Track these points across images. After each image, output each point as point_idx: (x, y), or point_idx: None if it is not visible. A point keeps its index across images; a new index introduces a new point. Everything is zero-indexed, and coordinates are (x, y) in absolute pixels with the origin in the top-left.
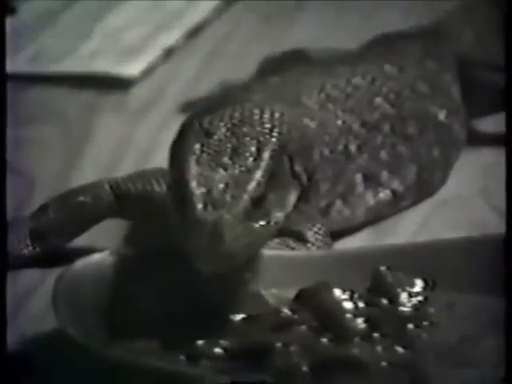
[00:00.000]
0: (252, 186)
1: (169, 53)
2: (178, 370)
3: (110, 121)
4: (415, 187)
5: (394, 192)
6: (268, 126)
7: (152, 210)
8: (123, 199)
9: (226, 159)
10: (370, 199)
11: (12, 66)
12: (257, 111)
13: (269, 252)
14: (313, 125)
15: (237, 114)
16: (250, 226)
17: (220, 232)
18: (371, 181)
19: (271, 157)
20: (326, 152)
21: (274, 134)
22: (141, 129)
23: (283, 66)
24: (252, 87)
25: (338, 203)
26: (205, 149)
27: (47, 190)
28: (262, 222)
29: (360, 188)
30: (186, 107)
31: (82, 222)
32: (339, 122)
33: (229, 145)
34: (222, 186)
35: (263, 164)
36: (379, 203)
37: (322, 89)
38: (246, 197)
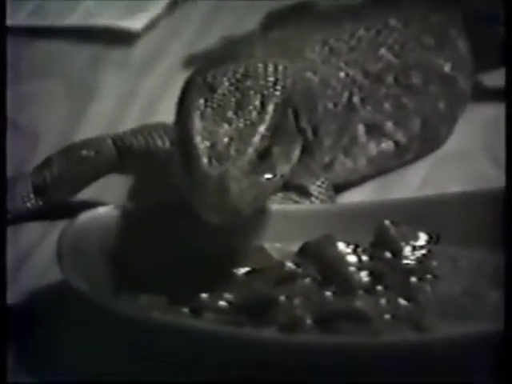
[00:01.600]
0: (256, 139)
1: (173, 6)
2: (182, 323)
3: (114, 75)
4: (419, 140)
5: (396, 143)
6: (272, 79)
7: (155, 165)
8: (126, 154)
9: (230, 113)
10: (372, 149)
11: (13, 19)
12: (260, 65)
13: (273, 206)
14: (316, 79)
15: (240, 69)
16: (255, 178)
17: (226, 185)
18: (374, 131)
19: (275, 110)
20: (330, 106)
21: (278, 87)
22: (145, 83)
23: (287, 19)
24: (254, 42)
25: (341, 156)
26: (208, 103)
27: (50, 146)
28: (268, 175)
29: (362, 138)
30: (190, 61)
31: (84, 177)
32: (342, 75)
33: (233, 99)
34: (226, 139)
35: (267, 117)
36: (382, 154)
37: (325, 42)
38: (250, 150)
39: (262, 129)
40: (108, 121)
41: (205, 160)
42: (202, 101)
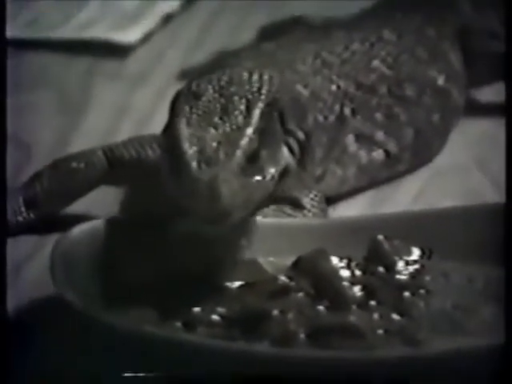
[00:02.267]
0: (244, 142)
1: (167, 20)
2: (174, 337)
3: (108, 88)
4: (411, 151)
5: (387, 152)
6: (256, 85)
7: (145, 176)
8: (117, 165)
9: (216, 119)
10: (363, 158)
11: (8, 31)
12: (245, 73)
13: (266, 220)
14: (306, 92)
15: (225, 77)
16: (245, 181)
17: (216, 189)
18: (364, 140)
19: (261, 114)
20: (320, 119)
21: (263, 91)
22: (138, 96)
23: (281, 33)
24: (244, 54)
25: (332, 166)
26: (194, 110)
27: (44, 158)
28: (258, 178)
29: (353, 147)
30: (183, 75)
31: (75, 189)
32: (334, 87)
33: (217, 105)
34: (214, 144)
35: (253, 121)
36: (373, 163)
37: (318, 55)
38: (239, 153)
39: (249, 132)
40: (101, 133)
41: (194, 164)
42: (187, 108)
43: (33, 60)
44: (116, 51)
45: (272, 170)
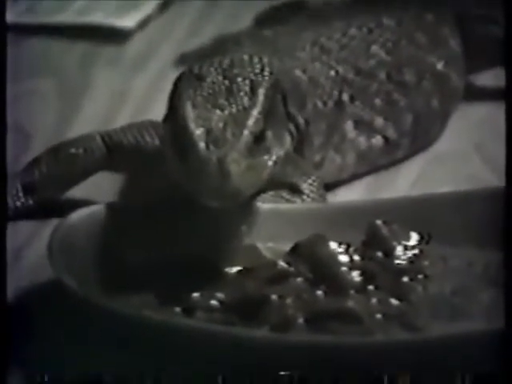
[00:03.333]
0: (251, 122)
1: (165, 5)
2: (173, 322)
3: (106, 74)
4: (410, 137)
5: (386, 138)
6: (258, 66)
7: (144, 162)
8: (115, 151)
9: (221, 100)
10: (361, 144)
11: (7, 16)
12: (246, 56)
13: (265, 205)
14: (305, 77)
15: (226, 60)
16: (253, 161)
17: (226, 168)
18: (363, 126)
19: (266, 95)
20: (319, 105)
21: (266, 73)
22: (137, 82)
23: (279, 18)
24: (243, 40)
25: (331, 153)
26: (198, 92)
27: (43, 144)
28: (265, 157)
29: (351, 134)
30: (182, 60)
31: (73, 175)
32: (332, 73)
33: (222, 86)
34: (221, 125)
35: (259, 101)
36: (372, 149)
37: (316, 41)
38: (246, 133)
39: (255, 112)
40: (100, 119)
41: (202, 145)
42: (191, 90)
43: (31, 46)
44: (114, 37)
45: (278, 152)
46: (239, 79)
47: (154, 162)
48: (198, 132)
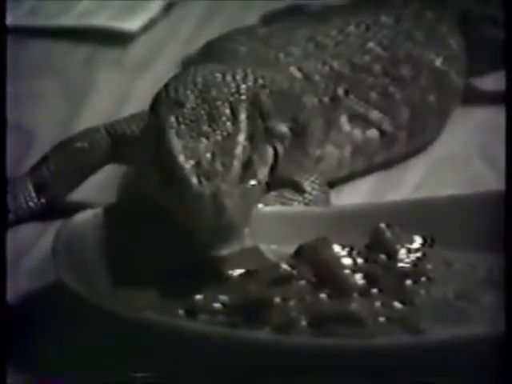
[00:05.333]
0: (238, 150)
1: (168, 8)
2: (176, 324)
3: (109, 76)
4: (407, 130)
5: (382, 131)
6: (233, 85)
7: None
8: (120, 142)
9: (204, 127)
10: (357, 137)
11: (9, 19)
12: (218, 75)
13: (268, 208)
14: (299, 75)
15: (199, 79)
16: (244, 189)
17: (221, 203)
18: (358, 119)
19: (247, 116)
20: (315, 101)
21: (242, 91)
22: (140, 85)
23: (278, 18)
24: (240, 38)
25: (330, 147)
26: (180, 119)
27: (46, 146)
28: (253, 182)
29: (346, 127)
30: (185, 63)
31: (82, 169)
32: (327, 69)
33: (202, 112)
34: (209, 155)
35: (242, 126)
36: (368, 142)
37: (311, 38)
38: (236, 163)
39: (241, 139)
40: (103, 121)
41: (194, 180)
42: (173, 118)
43: (34, 48)
44: (118, 39)
45: (264, 171)
46: (218, 103)
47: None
48: (188, 166)
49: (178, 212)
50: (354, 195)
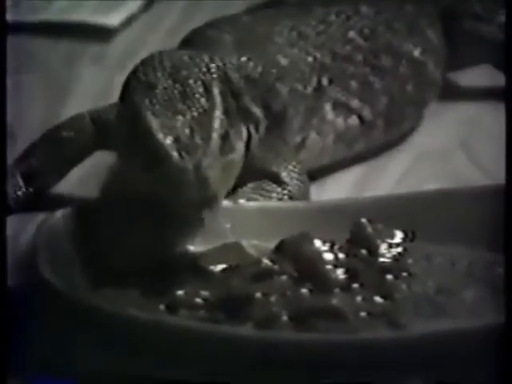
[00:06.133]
0: (216, 124)
1: (150, 3)
2: (157, 320)
3: (91, 71)
4: (385, 118)
5: (362, 119)
6: (203, 64)
7: None
8: (105, 129)
9: (179, 105)
10: (340, 125)
11: None
12: (186, 57)
13: (249, 203)
14: (284, 61)
15: (167, 63)
16: (224, 161)
17: (203, 174)
18: (341, 108)
19: (221, 93)
20: (299, 88)
21: (213, 70)
22: (121, 80)
23: (260, 8)
24: (224, 26)
25: (312, 135)
26: (154, 101)
27: (27, 142)
28: (232, 156)
29: (330, 115)
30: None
31: (69, 158)
32: (310, 59)
33: (175, 91)
34: (187, 131)
35: (217, 101)
36: (349, 130)
37: (294, 27)
38: (215, 135)
39: (217, 114)
40: None
41: (175, 154)
42: (147, 100)
43: (16, 43)
44: (99, 34)
45: (240, 146)
46: (190, 81)
47: None
48: (168, 141)
49: (161, 192)
50: (337, 188)
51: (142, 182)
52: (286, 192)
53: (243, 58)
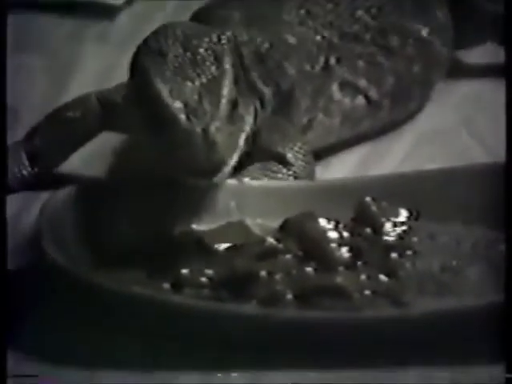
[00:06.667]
0: (225, 91)
1: None
2: (162, 298)
3: (95, 49)
4: (391, 97)
5: (368, 99)
6: (214, 35)
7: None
8: (110, 110)
9: (189, 72)
10: (346, 105)
11: None
12: (197, 28)
13: (254, 182)
14: (292, 40)
15: (178, 32)
16: (232, 128)
17: (211, 138)
18: (348, 87)
19: (231, 63)
20: (307, 67)
21: (224, 41)
22: (125, 58)
23: None
24: (232, 5)
25: (320, 115)
26: (164, 67)
27: (31, 121)
28: (239, 124)
29: (338, 95)
30: None
31: (75, 138)
32: (318, 38)
33: (185, 58)
34: (196, 96)
35: (227, 70)
36: (355, 110)
37: (302, 5)
38: (224, 101)
39: (227, 81)
40: None
41: (183, 117)
42: (156, 67)
43: (19, 22)
44: (103, 12)
45: (248, 118)
46: (201, 50)
47: None
48: (177, 105)
49: (170, 157)
50: (342, 167)
51: (151, 149)
52: (291, 173)
53: (252, 35)
